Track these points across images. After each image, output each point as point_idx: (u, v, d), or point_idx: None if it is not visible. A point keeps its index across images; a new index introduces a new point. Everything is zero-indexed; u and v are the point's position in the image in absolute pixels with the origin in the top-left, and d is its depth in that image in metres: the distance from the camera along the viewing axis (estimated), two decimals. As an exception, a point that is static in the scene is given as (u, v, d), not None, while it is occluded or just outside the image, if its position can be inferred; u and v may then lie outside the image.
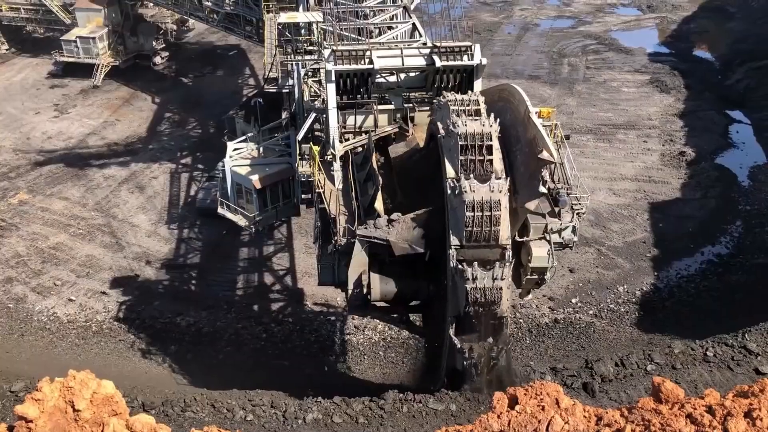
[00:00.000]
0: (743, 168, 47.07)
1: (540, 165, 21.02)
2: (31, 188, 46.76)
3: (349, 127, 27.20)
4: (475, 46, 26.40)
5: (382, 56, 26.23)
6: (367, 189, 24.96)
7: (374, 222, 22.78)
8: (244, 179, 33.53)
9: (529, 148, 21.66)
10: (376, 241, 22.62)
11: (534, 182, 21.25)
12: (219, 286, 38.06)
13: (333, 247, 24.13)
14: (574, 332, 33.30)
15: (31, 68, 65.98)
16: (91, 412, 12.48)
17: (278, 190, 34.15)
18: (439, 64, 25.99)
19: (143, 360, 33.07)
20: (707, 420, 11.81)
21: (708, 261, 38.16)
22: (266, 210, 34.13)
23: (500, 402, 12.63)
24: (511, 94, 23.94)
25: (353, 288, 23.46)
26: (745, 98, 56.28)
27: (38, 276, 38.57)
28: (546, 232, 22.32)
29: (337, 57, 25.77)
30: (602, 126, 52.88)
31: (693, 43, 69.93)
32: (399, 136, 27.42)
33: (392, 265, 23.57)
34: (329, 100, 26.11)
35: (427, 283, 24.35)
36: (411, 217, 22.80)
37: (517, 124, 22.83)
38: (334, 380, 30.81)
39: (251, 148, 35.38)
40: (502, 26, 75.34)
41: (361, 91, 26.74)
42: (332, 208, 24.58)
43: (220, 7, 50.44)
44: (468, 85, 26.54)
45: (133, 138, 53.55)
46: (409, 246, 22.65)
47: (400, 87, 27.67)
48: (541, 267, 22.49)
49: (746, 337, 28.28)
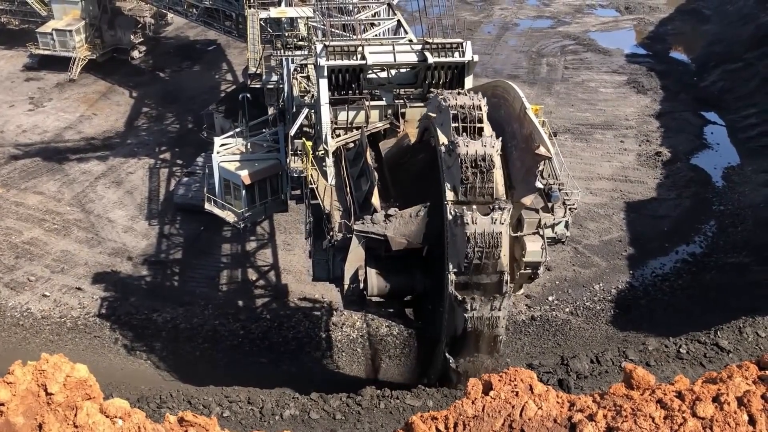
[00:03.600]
0: (717, 169, 47.78)
1: (537, 160, 21.24)
2: (5, 182, 46.06)
3: (341, 123, 27.20)
4: (467, 42, 26.53)
5: (374, 52, 26.28)
6: (361, 184, 24.95)
7: (371, 217, 22.81)
8: (233, 175, 33.16)
9: (526, 143, 21.86)
10: (373, 236, 22.63)
11: (531, 177, 21.45)
12: (196, 282, 37.82)
13: (328, 243, 24.08)
14: (550, 329, 33.63)
15: (5, 60, 64.92)
16: (65, 395, 12.32)
17: (266, 186, 33.92)
18: (431, 61, 26.06)
19: (119, 356, 32.80)
20: (677, 404, 12.05)
21: (682, 260, 38.72)
22: (254, 206, 33.88)
23: (475, 388, 12.74)
24: (505, 91, 24.08)
25: (350, 283, 23.43)
26: (720, 100, 57.10)
27: (12, 271, 38.03)
28: (539, 227, 22.53)
29: (329, 53, 25.73)
30: (580, 126, 53.36)
31: (669, 45, 70.74)
32: (390, 132, 27.49)
33: (388, 260, 23.61)
34: (321, 96, 26.04)
35: (424, 278, 24.37)
36: (408, 213, 22.85)
37: (512, 121, 22.98)
38: (312, 376, 30.80)
39: (238, 143, 35.06)
40: (482, 25, 75.63)
41: (353, 87, 26.73)
42: (326, 204, 24.55)
43: (199, 1, 50.04)
44: (459, 81, 26.65)
45: (110, 132, 52.95)
46: (406, 241, 22.72)
47: (391, 83, 27.72)
48: (534, 261, 22.70)
49: (718, 334, 28.80)
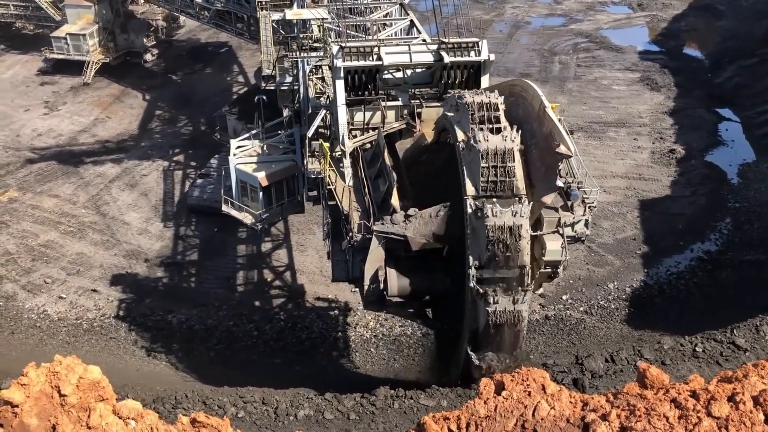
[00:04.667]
0: (732, 165, 47.36)
1: (557, 159, 21.11)
2: (21, 186, 46.50)
3: (357, 124, 27.21)
4: (483, 42, 26.43)
5: (390, 52, 26.27)
6: (379, 185, 24.92)
7: (391, 217, 22.77)
8: (250, 177, 33.24)
9: (546, 142, 21.72)
10: (393, 236, 22.58)
11: (551, 176, 21.31)
12: (210, 283, 38.01)
13: (348, 243, 24.06)
14: (564, 329, 33.47)
15: (21, 65, 65.56)
16: (78, 397, 12.40)
17: (283, 188, 34.00)
18: (448, 60, 25.99)
19: (134, 357, 33.00)
20: (691, 404, 11.94)
21: (697, 258, 38.40)
22: (271, 207, 33.98)
23: (487, 388, 12.69)
24: (524, 90, 23.95)
25: (369, 283, 23.37)
26: (735, 96, 56.58)
27: (28, 274, 38.40)
28: (559, 226, 22.39)
29: (346, 54, 25.73)
30: (593, 124, 53.07)
31: (683, 41, 70.24)
32: (406, 132, 27.45)
33: (408, 260, 23.54)
34: (338, 97, 26.03)
35: (443, 278, 24.27)
36: (428, 213, 22.80)
37: (531, 119, 22.84)
38: (326, 377, 30.85)
39: (255, 145, 35.23)
40: (493, 24, 75.42)
41: (369, 87, 26.72)
42: (345, 205, 24.54)
43: (210, 3, 50.29)
44: (475, 81, 26.58)
45: (124, 135, 53.34)
46: (426, 241, 22.67)
47: (407, 83, 27.69)
48: (554, 260, 22.51)
49: (735, 332, 28.50)
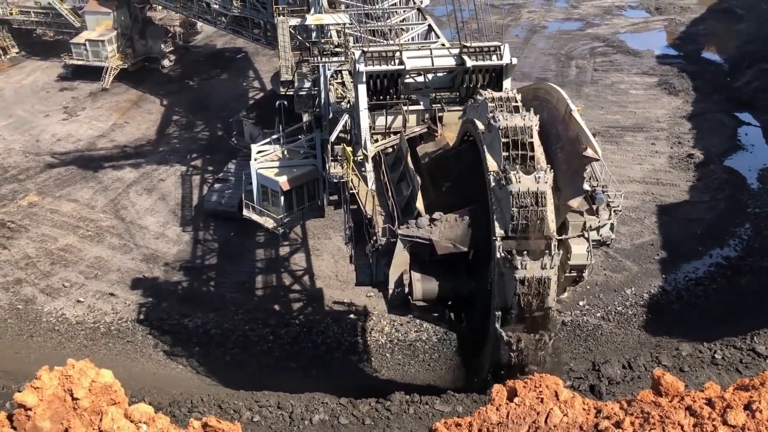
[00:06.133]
0: (752, 170, 46.84)
1: (584, 162, 20.99)
2: (41, 190, 47.05)
3: (379, 128, 27.29)
4: (504, 45, 26.40)
5: (412, 57, 26.31)
6: (402, 189, 24.90)
7: (416, 221, 22.72)
8: (271, 181, 33.41)
9: (572, 146, 21.60)
10: (418, 240, 22.49)
11: (578, 180, 21.18)
12: (227, 287, 38.17)
13: (372, 247, 24.05)
14: (581, 335, 33.22)
15: (41, 71, 66.42)
16: (90, 400, 12.48)
17: (303, 192, 34.15)
18: (470, 64, 26.01)
19: (151, 361, 33.18)
20: (707, 412, 11.78)
21: (716, 263, 37.98)
22: (292, 212, 34.13)
23: (499, 394, 12.60)
24: (548, 93, 23.85)
25: (394, 287, 23.27)
26: (755, 100, 55.98)
27: (47, 277, 38.78)
28: (584, 230, 22.26)
29: (368, 58, 25.81)
30: (610, 128, 52.74)
31: (701, 45, 69.64)
32: (427, 136, 27.44)
33: (432, 264, 23.40)
34: (360, 101, 26.10)
35: (469, 282, 24.11)
36: (453, 216, 22.70)
37: (557, 123, 22.72)
38: (341, 381, 30.84)
39: (275, 150, 35.43)
40: (509, 29, 75.27)
41: (391, 92, 26.78)
42: (368, 209, 24.53)
43: (227, 9, 50.64)
44: (497, 84, 26.56)
45: (142, 140, 53.80)
46: (452, 245, 22.58)
47: (428, 87, 27.72)
48: (580, 264, 22.39)
49: (755, 339, 28.12)
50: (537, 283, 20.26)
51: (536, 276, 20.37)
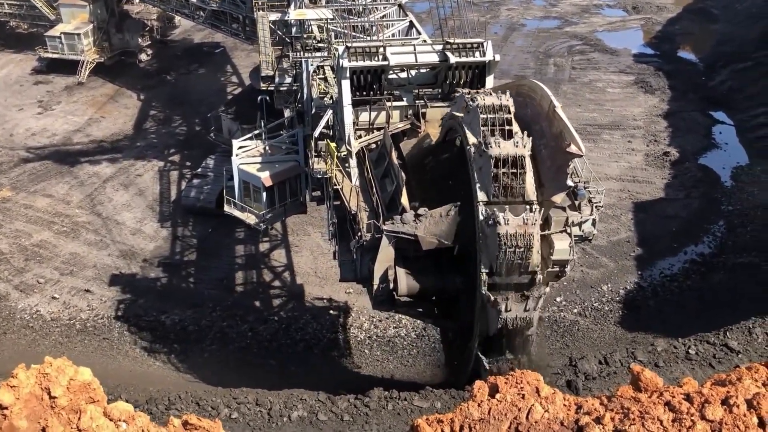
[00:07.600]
0: (726, 168, 47.52)
1: (568, 158, 21.13)
2: (15, 185, 46.33)
3: (362, 124, 27.22)
4: (487, 42, 26.48)
5: (396, 53, 26.30)
6: (386, 185, 24.92)
7: (401, 217, 22.75)
8: (253, 177, 33.21)
9: (556, 142, 21.75)
10: (403, 236, 22.54)
11: (561, 176, 21.32)
12: (205, 284, 37.93)
13: (356, 243, 24.06)
14: (558, 330, 33.54)
15: (15, 64, 65.31)
16: (68, 399, 12.31)
17: (286, 188, 34.03)
18: (453, 61, 26.05)
19: (127, 358, 32.92)
20: (685, 407, 11.92)
21: (691, 260, 38.53)
22: (274, 208, 33.99)
23: (481, 390, 12.67)
24: (532, 90, 23.98)
25: (379, 283, 23.29)
26: (729, 99, 56.78)
27: (21, 274, 38.24)
28: (567, 225, 22.42)
29: (351, 54, 25.76)
30: (587, 126, 53.15)
31: (677, 45, 70.42)
32: (410, 132, 27.47)
33: (417, 259, 23.48)
34: (344, 97, 26.06)
35: (454, 277, 24.21)
36: (438, 212, 22.78)
37: (541, 119, 22.85)
38: (320, 378, 30.83)
39: (257, 145, 35.17)
40: (488, 26, 75.47)
41: (374, 87, 26.78)
42: (352, 205, 24.52)
43: (206, 3, 50.21)
44: (480, 81, 26.64)
45: (118, 135, 53.20)
46: (437, 240, 22.65)
47: (411, 83, 27.73)
48: (562, 260, 22.51)
49: (728, 335, 28.60)
50: (520, 238, 20.31)
51: (519, 232, 20.43)
